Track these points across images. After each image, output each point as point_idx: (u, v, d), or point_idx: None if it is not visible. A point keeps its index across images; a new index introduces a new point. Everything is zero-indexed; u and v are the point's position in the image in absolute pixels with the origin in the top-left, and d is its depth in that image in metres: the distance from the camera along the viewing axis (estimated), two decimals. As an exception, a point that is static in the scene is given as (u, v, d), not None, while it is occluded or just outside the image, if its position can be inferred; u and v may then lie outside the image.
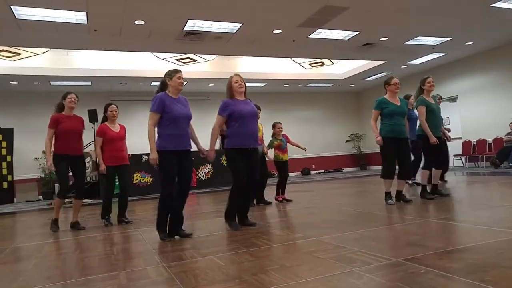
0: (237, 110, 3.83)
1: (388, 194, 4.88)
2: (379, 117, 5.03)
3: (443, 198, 4.94)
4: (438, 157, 5.04)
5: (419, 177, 7.04)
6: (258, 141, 4.07)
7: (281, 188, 6.04)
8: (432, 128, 4.92)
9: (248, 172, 3.89)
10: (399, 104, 4.92)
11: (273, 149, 5.94)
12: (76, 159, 4.58)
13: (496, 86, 10.94)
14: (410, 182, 6.61)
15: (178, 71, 3.62)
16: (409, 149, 4.99)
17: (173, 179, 3.51)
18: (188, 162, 3.60)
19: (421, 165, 5.52)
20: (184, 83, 3.62)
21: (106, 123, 4.90)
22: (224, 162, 10.48)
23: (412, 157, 6.00)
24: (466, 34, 9.49)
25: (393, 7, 7.45)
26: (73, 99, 4.58)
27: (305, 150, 6.13)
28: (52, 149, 4.47)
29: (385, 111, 4.91)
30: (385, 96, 5.00)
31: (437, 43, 10.11)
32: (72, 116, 4.62)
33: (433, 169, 5.08)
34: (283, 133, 6.05)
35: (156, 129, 3.52)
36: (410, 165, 5.22)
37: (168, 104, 3.47)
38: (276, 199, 6.04)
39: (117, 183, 4.95)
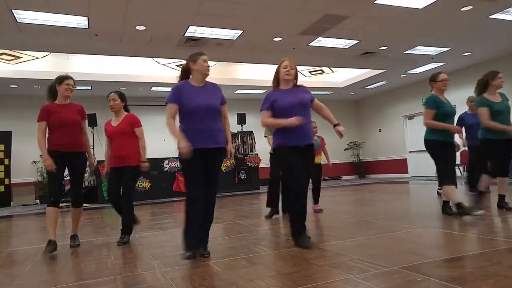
0: (281, 102, 3.28)
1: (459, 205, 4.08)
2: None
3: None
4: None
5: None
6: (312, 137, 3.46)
7: (313, 196, 5.42)
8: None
9: (306, 172, 3.31)
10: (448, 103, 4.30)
11: None
12: (74, 157, 3.69)
13: (494, 96, 10.95)
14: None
15: (202, 53, 3.06)
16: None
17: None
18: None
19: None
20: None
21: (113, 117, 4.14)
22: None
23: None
24: (464, 45, 9.55)
25: (392, 17, 7.50)
26: (71, 86, 3.77)
27: (331, 166, 5.75)
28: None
29: (440, 112, 4.18)
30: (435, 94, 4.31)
31: (436, 53, 10.17)
32: (66, 105, 3.76)
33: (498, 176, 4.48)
34: (318, 134, 5.55)
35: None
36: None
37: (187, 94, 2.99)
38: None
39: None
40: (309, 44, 8.98)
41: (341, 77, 13.30)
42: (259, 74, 12.05)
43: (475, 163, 6.09)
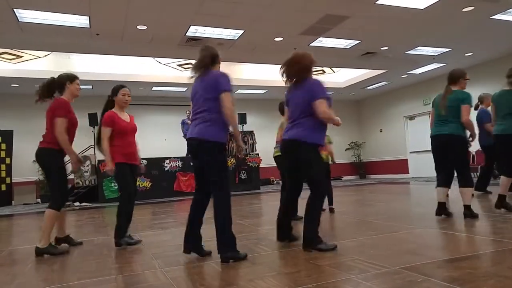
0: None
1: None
2: (432, 118, 4.50)
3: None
4: None
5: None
6: None
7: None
8: None
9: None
10: None
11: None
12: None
13: (495, 97, 10.93)
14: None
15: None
16: None
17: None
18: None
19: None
20: None
21: (114, 110, 3.76)
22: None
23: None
24: (466, 45, 9.54)
25: (393, 17, 7.50)
26: (80, 86, 3.71)
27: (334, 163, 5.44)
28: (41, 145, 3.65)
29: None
30: None
31: (437, 54, 10.16)
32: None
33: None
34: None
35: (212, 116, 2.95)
36: None
37: None
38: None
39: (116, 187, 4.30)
40: (310, 44, 8.97)
41: (342, 77, 13.30)
42: (260, 74, 12.06)
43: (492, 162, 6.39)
